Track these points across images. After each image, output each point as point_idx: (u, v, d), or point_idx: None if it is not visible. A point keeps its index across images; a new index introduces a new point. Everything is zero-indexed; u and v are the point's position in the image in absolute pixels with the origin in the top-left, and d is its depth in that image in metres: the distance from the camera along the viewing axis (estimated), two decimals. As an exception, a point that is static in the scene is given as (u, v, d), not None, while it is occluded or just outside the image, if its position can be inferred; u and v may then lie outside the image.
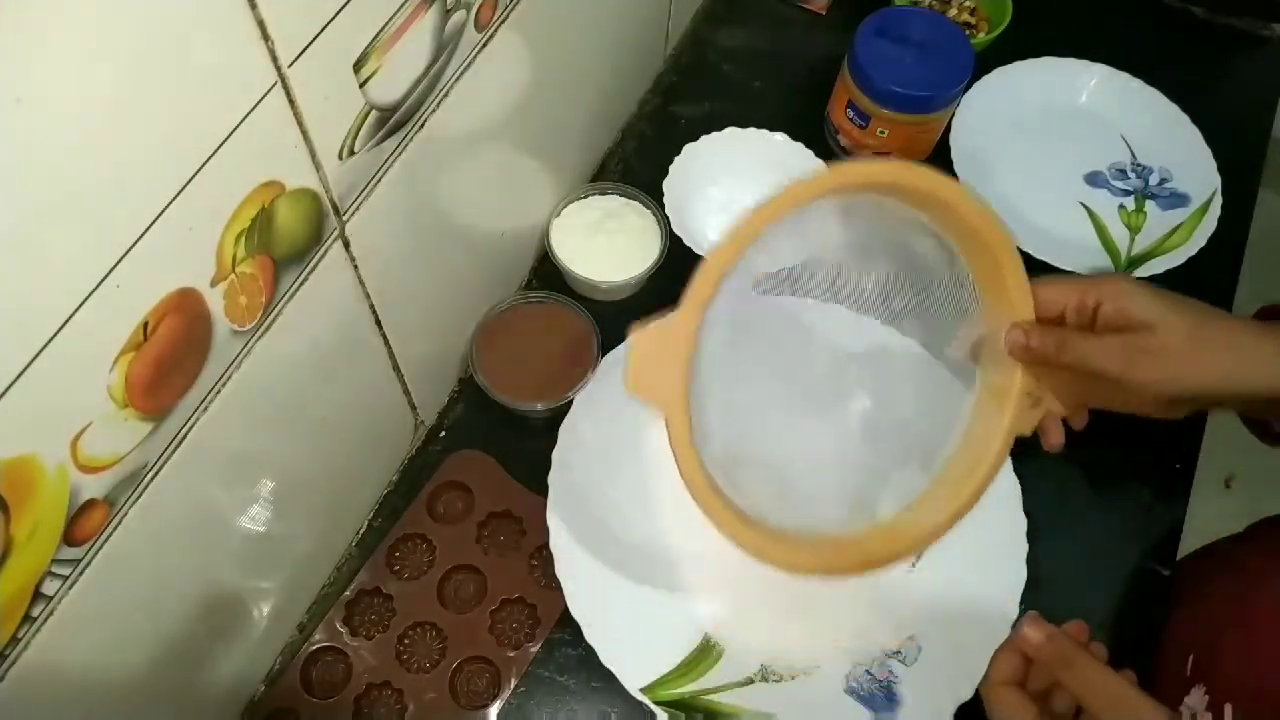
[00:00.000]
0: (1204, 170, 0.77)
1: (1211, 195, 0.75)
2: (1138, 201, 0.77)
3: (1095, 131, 0.80)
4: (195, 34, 0.31)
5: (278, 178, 0.38)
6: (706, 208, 0.73)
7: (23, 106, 0.26)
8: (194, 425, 0.40)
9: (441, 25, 0.44)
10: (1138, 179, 0.78)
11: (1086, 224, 0.76)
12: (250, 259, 0.39)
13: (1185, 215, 0.75)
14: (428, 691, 0.58)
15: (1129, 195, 0.77)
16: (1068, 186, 0.78)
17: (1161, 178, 0.78)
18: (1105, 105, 0.81)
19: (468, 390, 0.68)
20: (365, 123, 0.42)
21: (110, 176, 0.30)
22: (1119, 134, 0.80)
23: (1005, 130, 0.79)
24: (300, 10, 0.35)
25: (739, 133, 0.73)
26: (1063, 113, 0.81)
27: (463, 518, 0.63)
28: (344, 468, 0.58)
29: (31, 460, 0.32)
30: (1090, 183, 0.78)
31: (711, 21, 0.86)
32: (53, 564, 0.35)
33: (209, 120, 0.33)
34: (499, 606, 0.60)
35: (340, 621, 0.59)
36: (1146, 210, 0.77)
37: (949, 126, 0.75)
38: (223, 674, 0.54)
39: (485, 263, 0.65)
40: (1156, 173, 0.78)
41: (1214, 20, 0.88)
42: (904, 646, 0.58)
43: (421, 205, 0.51)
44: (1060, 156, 0.79)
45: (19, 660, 0.36)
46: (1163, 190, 0.77)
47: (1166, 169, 0.78)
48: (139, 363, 0.35)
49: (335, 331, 0.49)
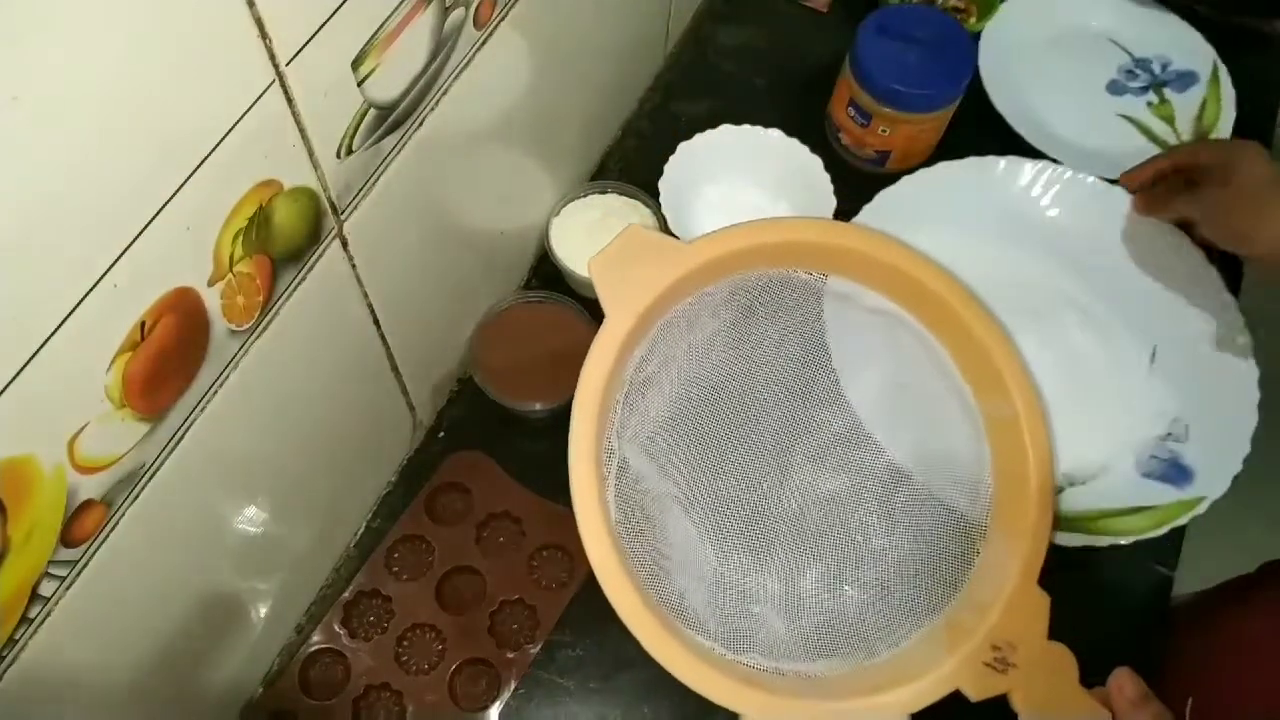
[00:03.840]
0: (1193, 43, 0.82)
1: (1213, 65, 0.81)
2: (1157, 93, 0.82)
3: (1087, 45, 0.84)
4: (193, 32, 0.30)
5: (275, 176, 0.38)
6: (703, 206, 0.73)
7: (19, 105, 0.25)
8: (191, 425, 0.40)
9: (440, 23, 0.44)
10: (1145, 73, 0.83)
11: (1132, 132, 0.80)
12: (248, 258, 0.38)
13: (1202, 91, 0.80)
14: (427, 693, 0.57)
15: (1146, 90, 0.82)
16: (1097, 104, 0.81)
17: (1162, 64, 0.83)
18: (1085, 17, 0.85)
19: (467, 390, 0.68)
20: (363, 121, 0.42)
21: (107, 175, 0.30)
22: (1107, 40, 0.84)
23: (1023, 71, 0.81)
24: (298, 8, 0.35)
25: (734, 130, 0.73)
26: (1050, 37, 0.84)
27: (462, 519, 0.62)
28: (342, 468, 0.57)
29: (29, 460, 0.32)
30: (1113, 92, 0.82)
31: (712, 19, 0.86)
32: (50, 565, 0.35)
33: (206, 118, 0.33)
34: (498, 608, 0.60)
35: (339, 623, 0.59)
36: (1168, 98, 0.81)
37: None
38: (220, 675, 0.54)
39: (484, 262, 0.64)
40: (1155, 61, 0.83)
41: (1216, 19, 0.88)
42: (1173, 428, 0.63)
43: (420, 204, 0.51)
44: (1075, 79, 0.82)
45: (16, 661, 0.36)
46: (1169, 74, 0.82)
47: (1162, 55, 0.83)
48: (136, 362, 0.35)
49: (333, 331, 0.49)
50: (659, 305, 0.46)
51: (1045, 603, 0.45)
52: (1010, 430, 0.48)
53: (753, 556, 0.54)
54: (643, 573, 0.47)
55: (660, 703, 0.59)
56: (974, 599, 0.47)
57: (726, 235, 0.47)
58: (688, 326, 0.52)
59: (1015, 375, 0.47)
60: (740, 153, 0.73)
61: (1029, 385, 0.47)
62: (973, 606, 0.46)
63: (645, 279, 0.45)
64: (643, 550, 0.48)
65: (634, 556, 0.47)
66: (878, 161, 0.75)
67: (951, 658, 0.44)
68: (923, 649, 0.46)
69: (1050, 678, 0.44)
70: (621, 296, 0.45)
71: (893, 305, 0.51)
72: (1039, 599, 0.45)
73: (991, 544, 0.48)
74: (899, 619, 0.49)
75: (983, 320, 0.48)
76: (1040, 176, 0.71)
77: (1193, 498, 0.61)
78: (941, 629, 0.47)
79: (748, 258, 0.48)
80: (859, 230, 0.49)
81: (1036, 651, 0.44)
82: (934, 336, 0.50)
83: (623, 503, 0.49)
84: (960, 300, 0.48)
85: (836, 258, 0.49)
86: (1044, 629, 0.45)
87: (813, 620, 0.52)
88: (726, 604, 0.51)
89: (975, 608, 0.46)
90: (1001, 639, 0.44)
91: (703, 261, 0.47)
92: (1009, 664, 0.44)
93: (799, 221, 0.50)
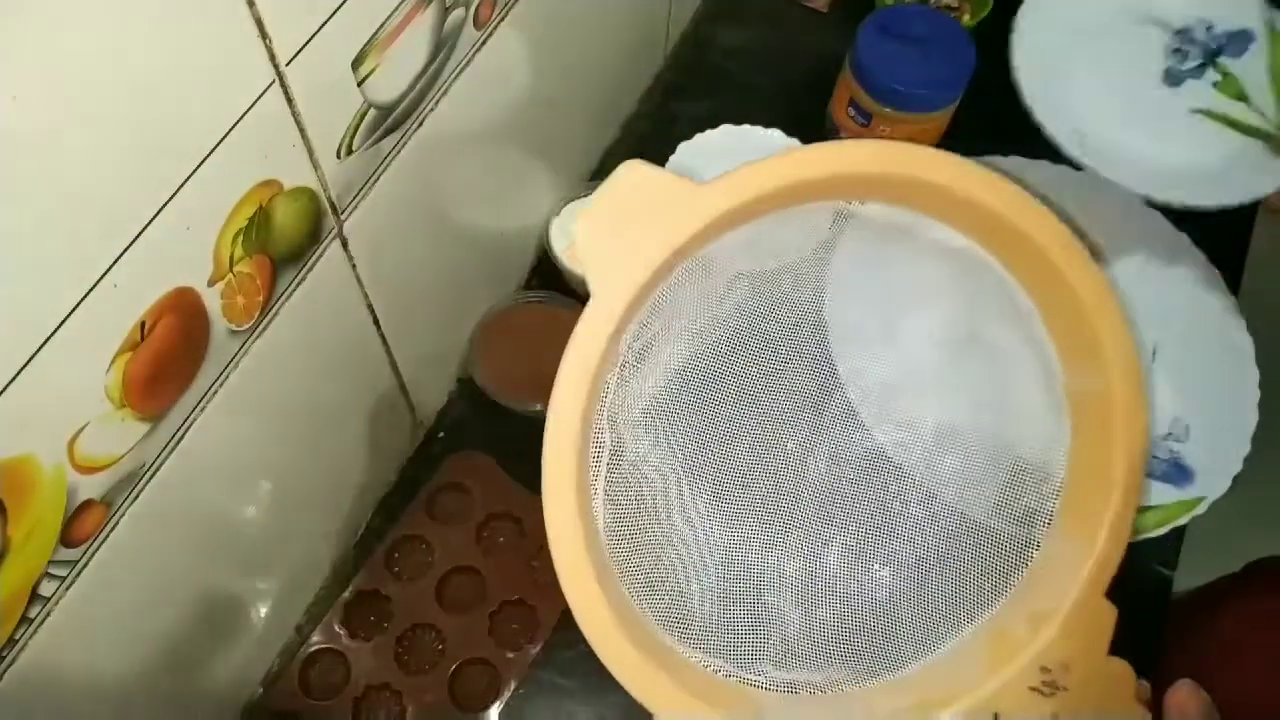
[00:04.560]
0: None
1: (1261, 11, 0.68)
2: (1217, 68, 0.68)
3: (1120, 28, 0.70)
4: (193, 32, 0.30)
5: (275, 176, 0.38)
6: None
7: (18, 104, 0.25)
8: (191, 425, 0.40)
9: (440, 23, 0.44)
10: (1192, 46, 0.69)
11: (1216, 127, 0.67)
12: (248, 258, 0.38)
13: (1264, 48, 0.67)
14: (427, 693, 0.57)
15: (1204, 69, 0.68)
16: (1164, 105, 0.69)
17: (1206, 27, 0.69)
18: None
19: (467, 390, 0.68)
20: (363, 121, 0.42)
21: (107, 175, 0.30)
22: (1136, 15, 0.70)
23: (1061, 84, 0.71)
24: (298, 8, 0.35)
25: (734, 130, 0.72)
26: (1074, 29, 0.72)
27: (462, 519, 0.62)
28: (342, 468, 0.57)
29: (29, 461, 0.32)
30: (1172, 83, 0.69)
31: (712, 19, 0.86)
32: (50, 565, 0.35)
33: (206, 118, 0.33)
34: (498, 608, 0.60)
35: (339, 623, 0.59)
36: (1229, 69, 0.68)
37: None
38: (220, 675, 0.54)
39: (484, 262, 0.64)
40: (1197, 27, 0.69)
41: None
42: (1173, 428, 0.63)
43: (420, 204, 0.51)
44: (1124, 78, 0.70)
45: (16, 662, 0.36)
46: (1220, 39, 0.69)
47: (1204, 19, 0.69)
48: (136, 362, 0.35)
49: (333, 331, 0.49)
50: (664, 270, 0.37)
51: (1111, 618, 0.39)
52: (1099, 407, 0.39)
53: (770, 530, 0.45)
54: (638, 583, 0.42)
55: (660, 703, 0.59)
56: (1029, 604, 0.40)
57: (757, 172, 0.38)
58: (704, 272, 0.42)
59: (1117, 342, 0.38)
60: (740, 153, 0.72)
61: (1132, 357, 0.38)
62: (1026, 614, 0.39)
63: (646, 242, 0.35)
64: (637, 554, 0.43)
65: (626, 568, 0.41)
66: (878, 161, 0.75)
67: (992, 679, 0.38)
68: (959, 663, 0.39)
69: (1103, 696, 0.38)
70: (612, 270, 0.35)
71: (967, 241, 0.41)
72: (1105, 613, 0.39)
73: (1056, 538, 0.41)
74: (936, 617, 0.42)
75: (1084, 270, 0.38)
76: (1042, 175, 0.71)
77: (1193, 498, 0.61)
78: (984, 639, 0.40)
79: (787, 196, 0.39)
80: (927, 154, 0.38)
81: (1095, 670, 0.38)
82: (1015, 280, 0.40)
83: (615, 498, 0.42)
84: (1058, 242, 0.38)
85: (901, 189, 0.40)
86: (1105, 647, 0.39)
87: (834, 609, 0.44)
88: (736, 596, 0.45)
89: (1029, 617, 0.39)
90: (1054, 660, 0.37)
91: (725, 210, 0.37)
92: (1059, 687, 0.37)
93: (850, 147, 0.39)
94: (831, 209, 0.43)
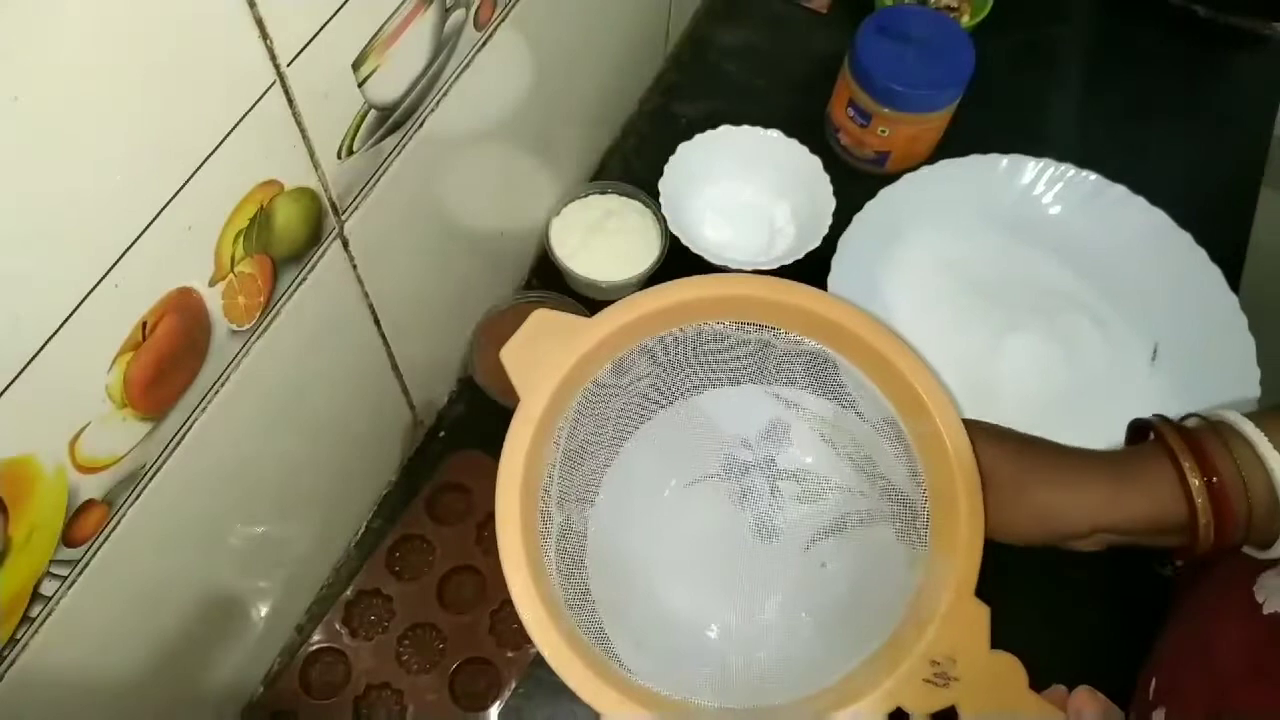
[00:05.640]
0: None
1: None
2: None
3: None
4: (194, 33, 0.30)
5: (276, 177, 0.38)
6: (703, 206, 0.73)
7: (20, 105, 0.25)
8: (192, 425, 0.40)
9: (441, 24, 0.44)
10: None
11: None
12: (249, 258, 0.38)
13: None
14: (427, 693, 0.57)
15: None
16: None
17: None
18: None
19: (467, 390, 0.68)
20: (364, 122, 0.42)
21: (108, 175, 0.30)
22: None
23: None
24: (299, 9, 0.35)
25: (733, 130, 0.73)
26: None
27: (462, 518, 0.62)
28: (343, 468, 0.58)
29: (30, 461, 0.32)
30: None
31: (712, 20, 0.86)
32: (51, 565, 0.35)
33: (207, 119, 0.33)
34: (499, 607, 0.60)
35: (339, 622, 0.59)
36: None
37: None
38: (221, 675, 0.54)
39: (485, 262, 0.64)
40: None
41: (1215, 19, 0.88)
42: None
43: (420, 204, 0.51)
44: None
45: (17, 661, 0.36)
46: None
47: None
48: (138, 362, 0.35)
49: (334, 331, 0.49)
50: (572, 379, 0.49)
51: (984, 614, 0.45)
52: (937, 446, 0.48)
53: (714, 595, 0.55)
54: (593, 629, 0.48)
55: (660, 702, 0.59)
56: (917, 615, 0.46)
57: (626, 305, 0.49)
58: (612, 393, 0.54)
59: (934, 395, 0.48)
60: (740, 153, 0.73)
61: (947, 403, 0.48)
62: (915, 623, 0.46)
63: (554, 359, 0.47)
64: (590, 608, 0.50)
65: (581, 615, 0.48)
66: (877, 162, 0.75)
67: (890, 677, 0.44)
68: (867, 672, 0.46)
69: (996, 687, 0.44)
70: (533, 379, 0.47)
71: (814, 344, 0.52)
72: (976, 611, 0.45)
73: (932, 563, 0.48)
74: (851, 643, 0.49)
75: (897, 349, 0.49)
76: (1043, 174, 0.71)
77: None
78: (885, 650, 0.46)
79: (656, 321, 0.50)
80: (762, 281, 0.50)
81: (980, 662, 0.44)
82: (858, 369, 0.51)
83: (568, 571, 0.50)
84: (873, 333, 0.49)
85: (747, 308, 0.51)
86: (985, 640, 0.44)
87: (770, 654, 0.53)
88: (682, 646, 0.53)
89: (917, 625, 0.46)
90: (940, 654, 0.44)
91: (607, 333, 0.49)
92: (950, 678, 0.44)
93: (700, 280, 0.51)
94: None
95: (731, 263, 0.67)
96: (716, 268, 0.66)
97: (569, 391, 0.49)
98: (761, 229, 0.72)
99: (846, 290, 0.65)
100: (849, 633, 0.50)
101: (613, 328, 0.49)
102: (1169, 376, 0.66)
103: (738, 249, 0.71)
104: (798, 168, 0.72)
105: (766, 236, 0.72)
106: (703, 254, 0.67)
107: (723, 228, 0.73)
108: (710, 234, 0.72)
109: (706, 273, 0.53)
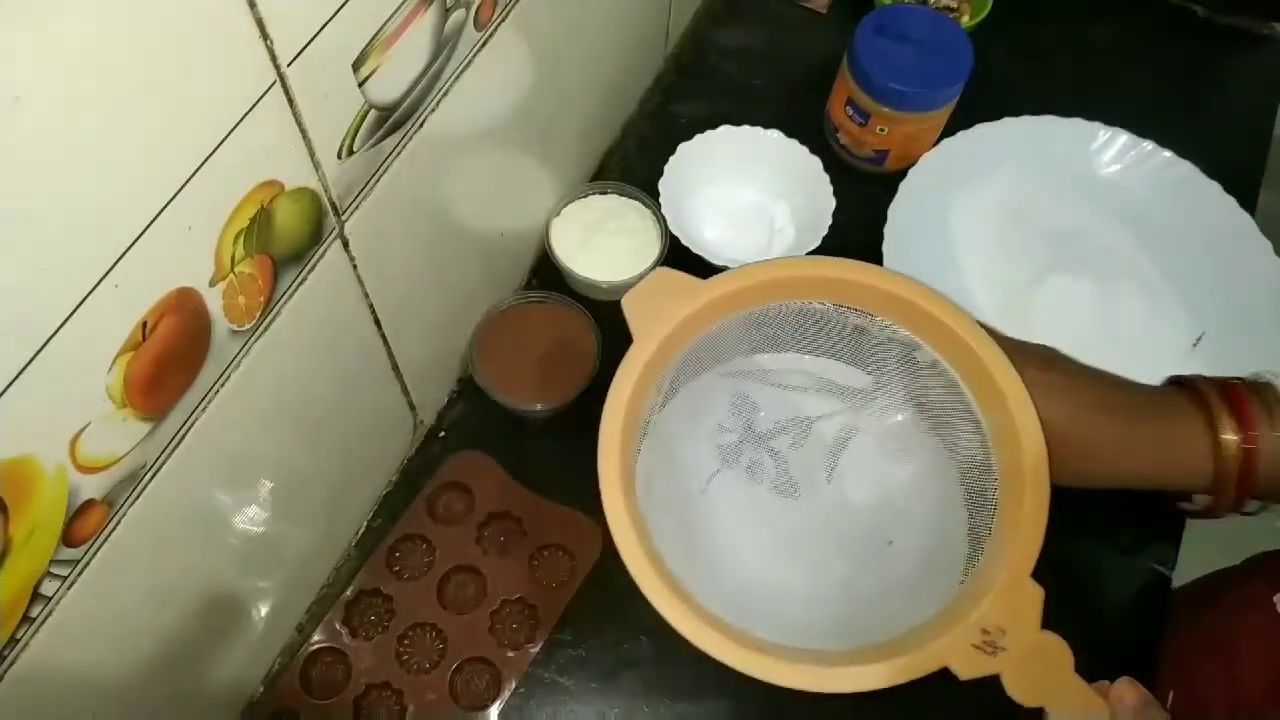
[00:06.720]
0: None
1: None
2: None
3: None
4: (194, 33, 0.31)
5: (276, 177, 0.38)
6: (703, 206, 0.73)
7: (21, 105, 0.26)
8: (193, 425, 0.40)
9: (441, 24, 0.44)
10: None
11: None
12: (249, 259, 0.38)
13: None
14: (427, 692, 0.58)
15: None
16: None
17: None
18: None
19: (467, 390, 0.68)
20: (364, 122, 0.42)
21: (109, 175, 0.30)
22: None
23: None
24: (299, 9, 0.35)
25: (734, 130, 0.73)
26: None
27: (462, 518, 0.63)
28: (343, 468, 0.58)
29: (30, 461, 0.32)
30: None
31: (712, 20, 0.86)
32: (51, 565, 0.35)
33: (208, 119, 0.33)
34: (499, 607, 0.60)
35: (340, 622, 0.59)
36: None
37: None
38: (221, 674, 0.54)
39: (485, 262, 0.65)
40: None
41: (1214, 19, 0.88)
42: None
43: (421, 205, 0.51)
44: None
45: (18, 661, 0.36)
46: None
47: None
48: (138, 362, 0.35)
49: (334, 331, 0.49)
50: (679, 334, 0.51)
51: (1038, 595, 0.46)
52: (1010, 437, 0.50)
53: (782, 558, 0.57)
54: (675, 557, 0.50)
55: (660, 702, 0.59)
56: (972, 592, 0.48)
57: (741, 272, 0.52)
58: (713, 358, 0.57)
59: (1014, 394, 0.50)
60: (740, 153, 0.73)
61: (1025, 401, 0.50)
62: (969, 597, 0.48)
63: (669, 312, 0.50)
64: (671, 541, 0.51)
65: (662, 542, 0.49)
66: (876, 161, 0.75)
67: (940, 638, 0.46)
68: (917, 635, 0.48)
69: (1043, 665, 0.45)
70: (649, 326, 0.50)
71: (906, 333, 0.54)
72: (1032, 591, 0.46)
73: (994, 544, 0.50)
74: (906, 614, 0.50)
75: (985, 346, 0.51)
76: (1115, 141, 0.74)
77: None
78: (938, 618, 0.48)
79: (763, 291, 0.53)
80: (869, 267, 0.53)
81: (1029, 639, 0.45)
82: (944, 360, 0.53)
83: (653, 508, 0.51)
84: (965, 328, 0.51)
85: (851, 291, 0.53)
86: (1036, 620, 0.46)
87: (830, 611, 0.54)
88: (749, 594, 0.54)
89: (971, 598, 0.48)
90: (991, 624, 0.46)
91: (719, 295, 0.51)
92: (998, 647, 0.45)
93: (814, 260, 0.54)
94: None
95: (731, 262, 0.67)
96: (717, 268, 0.66)
97: (672, 347, 0.52)
98: (761, 229, 0.73)
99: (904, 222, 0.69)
100: (907, 605, 0.51)
101: (727, 290, 0.52)
102: (1206, 366, 0.64)
103: (737, 249, 0.71)
104: (797, 167, 0.72)
105: (766, 236, 0.72)
106: (703, 254, 0.67)
107: (723, 228, 0.73)
108: (710, 234, 0.72)
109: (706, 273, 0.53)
